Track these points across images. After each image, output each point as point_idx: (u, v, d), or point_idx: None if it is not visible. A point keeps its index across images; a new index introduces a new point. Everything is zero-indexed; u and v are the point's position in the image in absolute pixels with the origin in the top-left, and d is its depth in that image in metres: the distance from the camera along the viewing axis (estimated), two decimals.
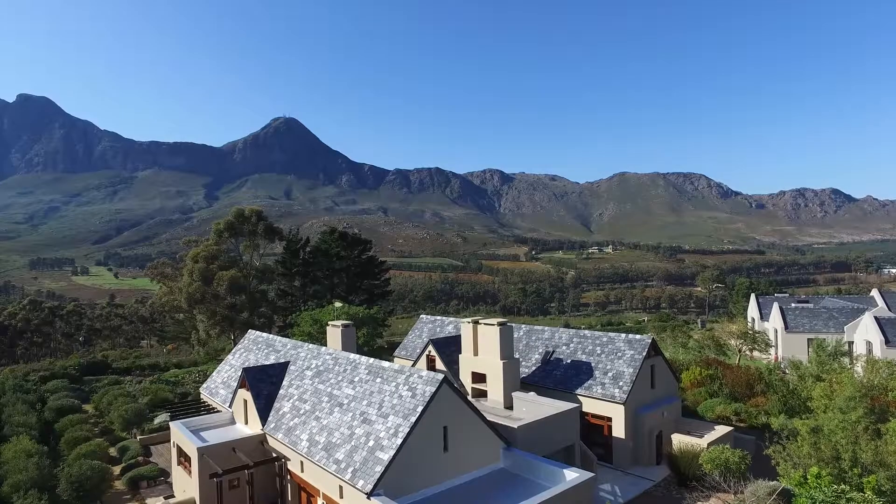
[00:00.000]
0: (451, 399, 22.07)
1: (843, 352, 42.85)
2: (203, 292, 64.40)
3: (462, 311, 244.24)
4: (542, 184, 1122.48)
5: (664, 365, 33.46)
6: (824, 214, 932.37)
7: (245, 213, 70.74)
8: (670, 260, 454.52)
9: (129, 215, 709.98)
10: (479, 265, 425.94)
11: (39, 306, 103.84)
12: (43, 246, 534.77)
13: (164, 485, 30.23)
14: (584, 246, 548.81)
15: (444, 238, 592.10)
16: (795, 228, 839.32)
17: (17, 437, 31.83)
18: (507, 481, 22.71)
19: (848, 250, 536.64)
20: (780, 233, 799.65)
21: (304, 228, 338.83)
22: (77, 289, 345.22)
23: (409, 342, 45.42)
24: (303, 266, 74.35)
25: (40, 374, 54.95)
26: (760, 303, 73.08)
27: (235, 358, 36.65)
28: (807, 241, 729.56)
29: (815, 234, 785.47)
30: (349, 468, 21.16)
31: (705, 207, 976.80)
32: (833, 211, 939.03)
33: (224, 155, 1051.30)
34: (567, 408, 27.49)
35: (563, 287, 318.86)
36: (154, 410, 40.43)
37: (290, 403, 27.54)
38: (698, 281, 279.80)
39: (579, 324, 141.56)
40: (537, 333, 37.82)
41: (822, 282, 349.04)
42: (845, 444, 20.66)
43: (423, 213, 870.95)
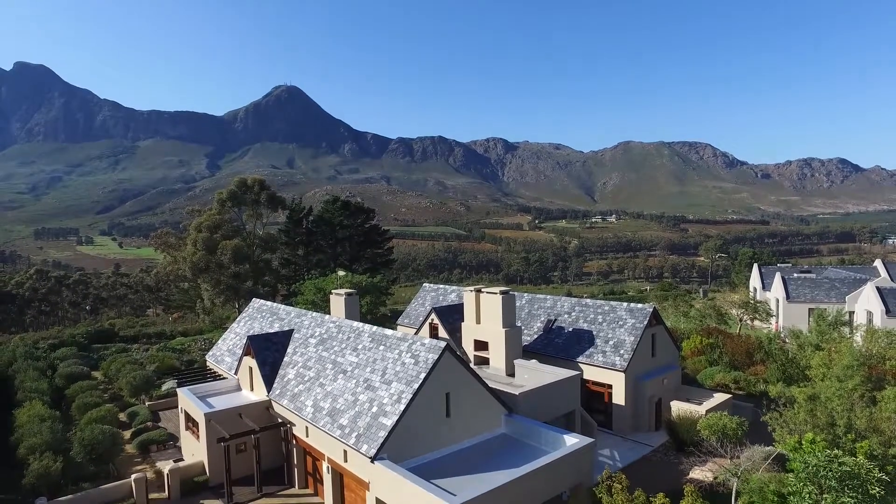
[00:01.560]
0: (453, 366, 22.39)
1: (844, 322, 43.04)
2: (207, 261, 64.72)
3: (465, 279, 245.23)
4: (545, 152, 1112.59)
5: (665, 334, 33.76)
6: (830, 184, 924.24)
7: (248, 183, 70.57)
8: (674, 230, 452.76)
9: (132, 185, 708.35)
10: (482, 234, 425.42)
11: (46, 276, 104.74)
12: (47, 216, 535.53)
13: (174, 449, 30.97)
14: (587, 215, 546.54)
15: (447, 207, 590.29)
16: (801, 199, 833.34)
17: (30, 402, 32.51)
18: (509, 446, 23.20)
19: (853, 221, 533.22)
20: (786, 203, 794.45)
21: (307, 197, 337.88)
22: (82, 258, 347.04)
23: (412, 310, 45.81)
24: (306, 235, 74.52)
25: (49, 342, 55.81)
26: (763, 273, 73.17)
27: (240, 326, 37.08)
28: (812, 211, 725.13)
29: (821, 205, 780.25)
30: (353, 433, 21.62)
31: (710, 177, 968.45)
32: (840, 181, 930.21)
33: (226, 124, 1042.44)
34: (568, 375, 27.87)
35: (566, 256, 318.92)
36: (161, 377, 41.16)
37: (294, 370, 27.98)
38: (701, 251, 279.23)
39: (582, 293, 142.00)
40: (539, 302, 38.08)
41: (826, 252, 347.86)
42: (841, 411, 20.98)
43: (426, 181, 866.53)
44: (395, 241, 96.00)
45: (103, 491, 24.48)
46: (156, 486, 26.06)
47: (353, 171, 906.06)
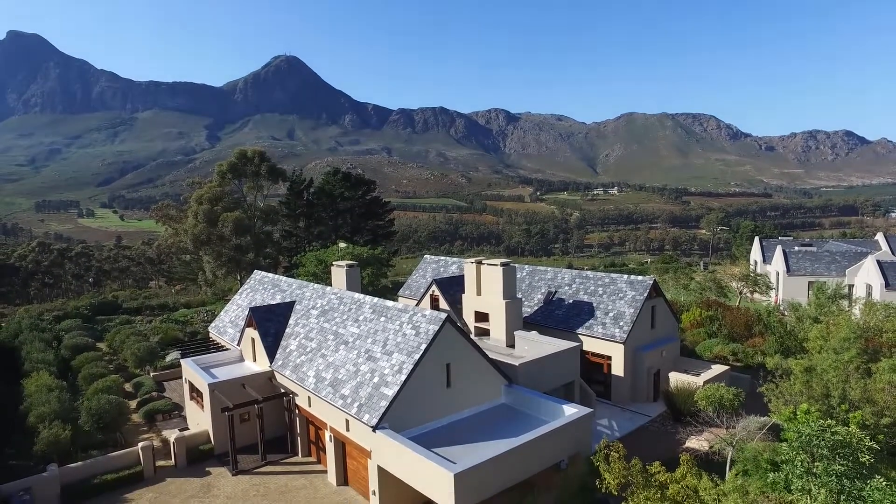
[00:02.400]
0: (454, 337, 22.61)
1: (843, 295, 43.22)
2: (208, 234, 64.82)
3: (466, 251, 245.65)
4: (548, 124, 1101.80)
5: (665, 306, 33.97)
6: (835, 157, 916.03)
7: (248, 154, 70.19)
8: (676, 202, 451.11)
9: (132, 157, 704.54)
10: (483, 206, 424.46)
11: (48, 248, 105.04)
12: (47, 188, 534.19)
13: (179, 418, 31.50)
14: (589, 187, 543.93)
15: (448, 178, 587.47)
16: (804, 171, 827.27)
17: (37, 372, 32.98)
18: (509, 416, 23.58)
19: (857, 194, 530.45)
20: (789, 176, 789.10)
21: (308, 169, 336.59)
22: (84, 231, 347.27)
23: (413, 282, 46.02)
24: (307, 207, 74.42)
25: (54, 314, 56.25)
26: (764, 246, 73.13)
27: (242, 298, 37.33)
28: (815, 184, 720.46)
29: (824, 178, 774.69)
30: (355, 403, 21.97)
31: (714, 149, 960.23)
32: (845, 154, 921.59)
33: (225, 95, 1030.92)
34: (568, 346, 28.15)
35: (568, 228, 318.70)
36: (165, 349, 41.61)
37: (296, 341, 28.28)
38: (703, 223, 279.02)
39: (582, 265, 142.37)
40: (540, 274, 38.23)
41: (828, 225, 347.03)
42: (836, 383, 21.22)
43: (428, 153, 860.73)
44: (396, 212, 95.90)
45: (111, 458, 25.00)
46: (162, 454, 26.61)
47: (353, 142, 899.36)
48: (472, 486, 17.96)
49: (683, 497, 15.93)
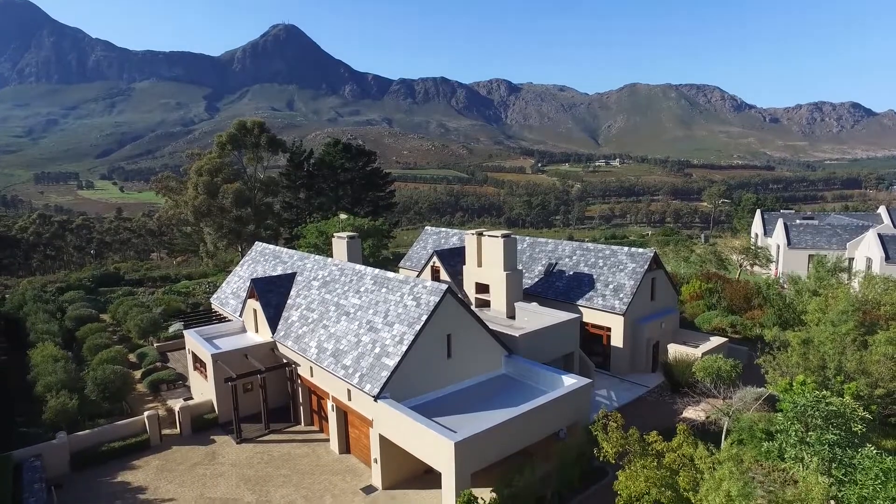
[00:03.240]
0: (454, 308, 22.76)
1: (843, 268, 43.21)
2: (209, 205, 64.68)
3: (467, 223, 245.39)
4: (549, 94, 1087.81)
5: (665, 278, 34.08)
6: (840, 129, 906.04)
7: (247, 125, 69.55)
8: (678, 174, 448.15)
9: (130, 128, 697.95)
10: (484, 177, 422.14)
11: (49, 220, 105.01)
12: (45, 160, 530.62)
13: (183, 388, 31.95)
14: (591, 159, 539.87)
15: (449, 149, 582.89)
16: (808, 144, 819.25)
17: (42, 343, 33.32)
18: (509, 386, 23.88)
19: (861, 167, 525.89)
20: (793, 148, 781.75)
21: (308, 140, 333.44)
22: (84, 203, 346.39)
23: (414, 253, 46.12)
24: (307, 178, 74.08)
25: (57, 286, 56.55)
26: (765, 219, 73.01)
27: (244, 269, 37.46)
28: (819, 157, 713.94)
29: (829, 150, 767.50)
30: (357, 373, 22.23)
31: (717, 121, 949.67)
32: (850, 126, 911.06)
33: (223, 65, 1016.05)
34: (568, 318, 28.33)
35: (569, 200, 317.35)
36: (168, 320, 41.95)
37: (298, 313, 28.48)
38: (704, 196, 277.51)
39: (583, 237, 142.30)
40: (541, 246, 38.27)
41: (830, 198, 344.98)
42: (832, 355, 21.44)
43: (429, 123, 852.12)
44: (396, 184, 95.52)
45: (118, 427, 25.45)
46: (168, 423, 27.07)
47: (353, 112, 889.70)
48: (472, 454, 18.32)
49: (679, 465, 16.25)
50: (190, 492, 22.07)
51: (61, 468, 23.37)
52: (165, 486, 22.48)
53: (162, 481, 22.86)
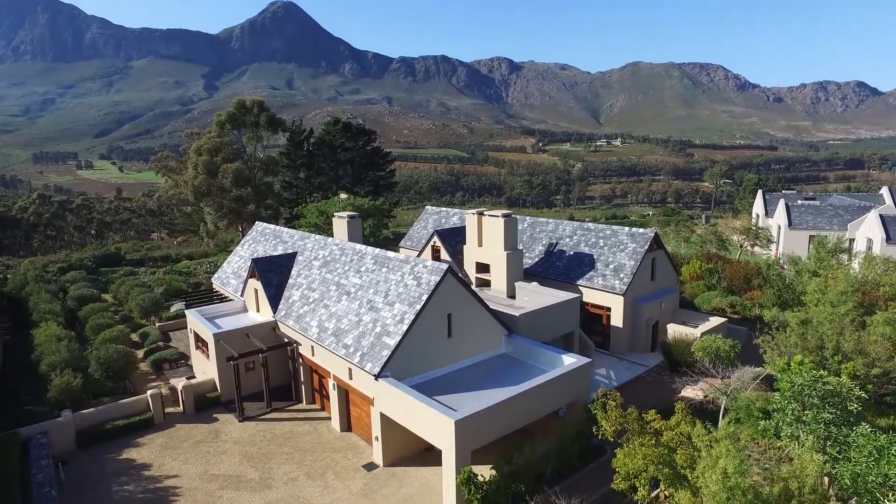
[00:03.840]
0: (455, 288, 22.83)
1: (843, 249, 43.22)
2: (209, 185, 64.51)
3: (467, 202, 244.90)
4: (551, 73, 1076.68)
5: (665, 258, 34.11)
6: (844, 109, 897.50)
7: (246, 104, 69.03)
8: (679, 154, 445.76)
9: (128, 107, 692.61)
10: (485, 157, 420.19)
11: (48, 200, 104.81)
12: (43, 140, 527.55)
13: (185, 367, 32.21)
14: (592, 138, 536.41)
15: (449, 129, 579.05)
16: (812, 124, 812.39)
17: (45, 322, 33.50)
18: (509, 365, 24.07)
19: (864, 147, 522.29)
20: (796, 128, 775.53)
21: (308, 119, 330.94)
22: (83, 183, 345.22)
23: (415, 233, 46.11)
24: (307, 158, 73.75)
25: (58, 266, 56.65)
26: (766, 199, 72.72)
27: (244, 249, 37.50)
28: (822, 137, 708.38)
29: (832, 130, 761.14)
30: (358, 352, 22.39)
31: (720, 101, 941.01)
32: (855, 105, 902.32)
33: (221, 43, 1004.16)
34: (568, 298, 28.43)
35: (570, 180, 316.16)
36: (169, 299, 42.12)
37: (299, 292, 28.58)
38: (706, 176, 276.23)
39: (584, 217, 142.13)
40: (541, 226, 38.24)
41: (833, 179, 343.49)
42: (831, 335, 21.56)
43: (429, 102, 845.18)
44: (397, 163, 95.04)
45: (122, 405, 25.73)
46: (171, 401, 27.35)
47: (353, 91, 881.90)
48: (473, 432, 18.53)
49: (677, 443, 16.44)
50: (194, 469, 22.39)
51: (67, 445, 23.69)
52: (170, 463, 22.80)
53: (166, 458, 23.18)
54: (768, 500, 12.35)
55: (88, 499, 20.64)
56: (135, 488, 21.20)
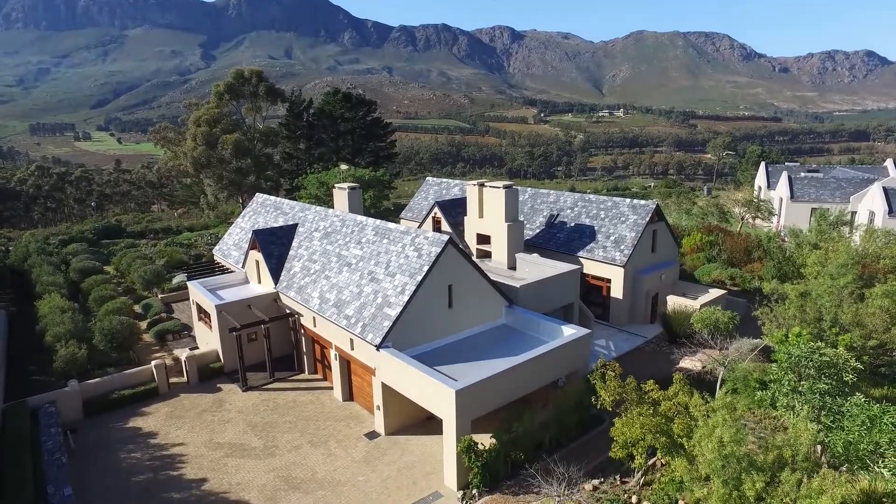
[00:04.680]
0: (456, 259, 22.89)
1: (845, 221, 43.12)
2: (208, 156, 64.09)
3: (468, 173, 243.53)
4: (554, 42, 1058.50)
5: (666, 230, 34.08)
6: (852, 79, 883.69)
7: (245, 75, 68.09)
8: (682, 125, 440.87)
9: (124, 77, 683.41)
10: (486, 127, 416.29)
11: (47, 172, 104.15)
12: (39, 111, 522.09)
13: (188, 338, 32.51)
14: (594, 109, 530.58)
15: (450, 99, 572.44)
16: (818, 95, 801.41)
17: (48, 294, 33.70)
18: (509, 336, 24.28)
19: (870, 118, 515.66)
20: (801, 99, 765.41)
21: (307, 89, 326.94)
22: (82, 154, 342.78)
23: (415, 204, 46.02)
24: (307, 129, 73.09)
25: (59, 238, 56.68)
26: (769, 171, 72.20)
27: (245, 221, 37.48)
28: (828, 108, 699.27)
29: (839, 101, 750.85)
30: (359, 323, 22.57)
31: (725, 71, 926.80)
32: (863, 76, 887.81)
33: (218, 11, 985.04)
34: (568, 269, 28.51)
35: (571, 151, 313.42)
36: (171, 271, 42.28)
37: (300, 263, 28.67)
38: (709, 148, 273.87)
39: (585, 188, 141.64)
40: (542, 197, 38.13)
41: (837, 151, 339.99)
42: (829, 307, 21.67)
43: (430, 72, 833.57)
44: (397, 134, 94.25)
45: (127, 375, 26.08)
46: (175, 372, 27.70)
47: (353, 61, 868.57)
48: (473, 402, 18.80)
49: (674, 413, 16.69)
50: (199, 437, 22.80)
51: (75, 414, 24.09)
52: (175, 432, 23.22)
53: (172, 427, 23.59)
54: (762, 467, 12.60)
55: (97, 465, 21.09)
56: (142, 455, 21.64)
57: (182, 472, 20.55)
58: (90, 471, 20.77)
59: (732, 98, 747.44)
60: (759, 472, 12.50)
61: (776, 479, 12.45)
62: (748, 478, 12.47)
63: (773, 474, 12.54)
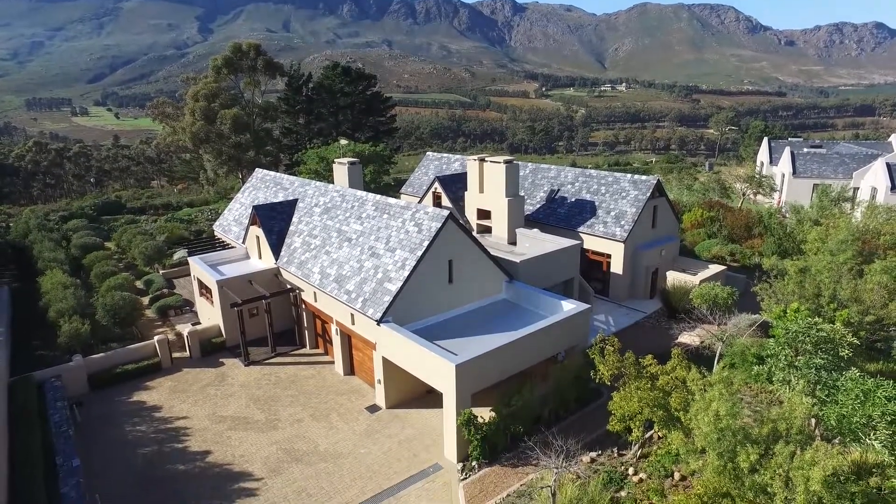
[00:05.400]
0: (456, 234, 22.92)
1: (847, 197, 42.96)
2: (207, 131, 63.63)
3: (469, 148, 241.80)
4: (556, 15, 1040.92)
5: (667, 206, 34.01)
6: (860, 53, 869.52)
7: (243, 48, 67.18)
8: (685, 100, 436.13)
9: (120, 51, 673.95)
10: (487, 102, 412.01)
11: (45, 148, 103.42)
12: (35, 85, 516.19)
13: (190, 313, 32.72)
14: (596, 83, 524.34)
15: (451, 73, 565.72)
16: (824, 69, 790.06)
17: (50, 270, 33.79)
18: (509, 311, 24.43)
19: (877, 93, 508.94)
20: (807, 73, 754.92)
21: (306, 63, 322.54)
22: (79, 130, 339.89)
23: (416, 179, 45.87)
24: (306, 103, 72.45)
25: (60, 214, 56.61)
26: (772, 147, 71.65)
27: (245, 196, 37.40)
28: (834, 82, 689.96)
29: (845, 75, 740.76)
30: (359, 298, 22.70)
31: (730, 44, 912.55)
32: (871, 49, 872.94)
33: None
34: (568, 244, 28.55)
35: (573, 126, 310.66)
36: (172, 247, 42.33)
37: (300, 239, 28.70)
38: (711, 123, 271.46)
39: (586, 163, 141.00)
40: (543, 172, 37.98)
41: (841, 126, 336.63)
42: (828, 283, 21.72)
43: (430, 46, 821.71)
44: (397, 108, 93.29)
45: (130, 350, 26.33)
46: (177, 347, 27.95)
47: (352, 34, 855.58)
48: (473, 376, 19.02)
49: (672, 387, 16.90)
50: (203, 410, 23.13)
51: (80, 388, 24.42)
52: (179, 405, 23.54)
53: (175, 401, 23.91)
54: (757, 440, 12.79)
55: (103, 438, 21.44)
56: (147, 428, 21.97)
57: (187, 445, 20.90)
58: (96, 443, 21.12)
59: (736, 72, 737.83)
60: (753, 444, 12.70)
61: (770, 452, 12.66)
62: (743, 450, 12.67)
63: (767, 447, 12.74)
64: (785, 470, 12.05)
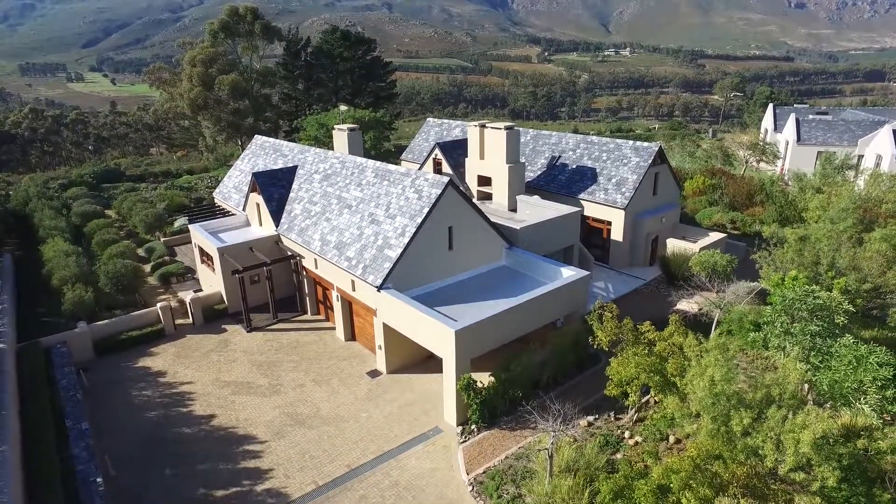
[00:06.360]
0: (456, 201, 22.90)
1: (851, 165, 42.63)
2: (205, 98, 62.86)
3: (470, 114, 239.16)
4: None
5: (668, 173, 33.82)
6: (873, 15, 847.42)
7: (239, 12, 65.79)
8: (690, 65, 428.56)
9: (115, 15, 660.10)
10: (488, 67, 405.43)
11: (41, 115, 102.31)
12: (28, 50, 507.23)
13: (192, 280, 32.94)
14: (600, 48, 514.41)
15: (452, 37, 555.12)
16: (834, 32, 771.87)
17: (52, 238, 33.90)
18: (509, 277, 24.58)
19: (888, 57, 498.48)
20: (816, 37, 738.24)
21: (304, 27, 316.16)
22: (75, 96, 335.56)
23: (416, 145, 45.55)
24: (305, 68, 71.39)
25: (59, 182, 56.43)
26: (777, 113, 70.67)
27: (244, 163, 37.23)
28: (844, 46, 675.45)
29: (856, 39, 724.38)
30: (360, 264, 22.82)
31: (738, 6, 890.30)
32: (885, 10, 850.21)
33: None
34: (569, 211, 28.53)
35: (575, 91, 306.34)
36: (172, 215, 42.35)
37: (300, 206, 28.70)
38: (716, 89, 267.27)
39: (588, 130, 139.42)
40: (544, 138, 37.68)
41: (849, 92, 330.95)
42: (827, 251, 21.76)
43: (431, 9, 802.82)
44: (397, 73, 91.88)
45: (134, 317, 26.62)
46: (180, 314, 28.23)
47: None
48: (472, 341, 19.26)
49: (669, 353, 17.14)
50: (206, 375, 23.52)
51: (86, 354, 24.78)
52: (183, 371, 23.93)
53: (179, 366, 24.30)
54: (750, 404, 13.04)
55: (110, 402, 21.88)
56: (153, 393, 22.40)
57: (192, 409, 21.33)
58: (104, 407, 21.56)
59: (743, 36, 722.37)
60: (747, 409, 12.95)
61: (763, 416, 12.93)
62: (736, 414, 12.94)
63: (760, 411, 13.01)
64: (777, 433, 12.32)
